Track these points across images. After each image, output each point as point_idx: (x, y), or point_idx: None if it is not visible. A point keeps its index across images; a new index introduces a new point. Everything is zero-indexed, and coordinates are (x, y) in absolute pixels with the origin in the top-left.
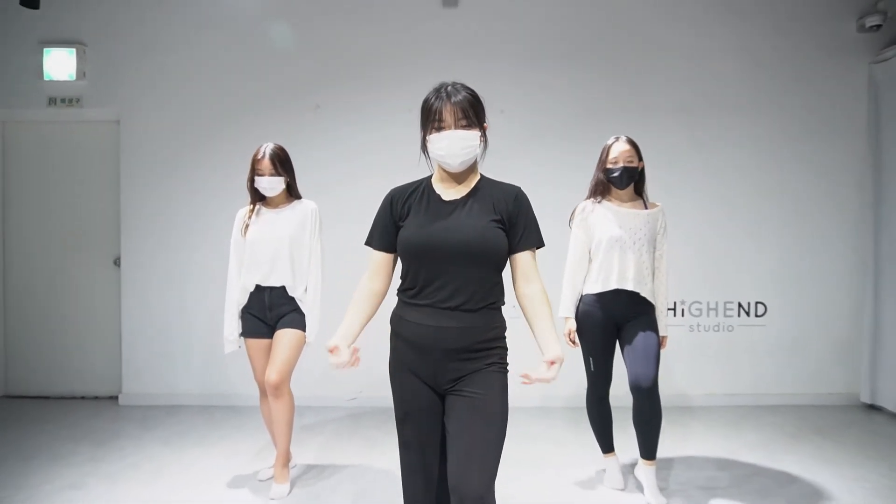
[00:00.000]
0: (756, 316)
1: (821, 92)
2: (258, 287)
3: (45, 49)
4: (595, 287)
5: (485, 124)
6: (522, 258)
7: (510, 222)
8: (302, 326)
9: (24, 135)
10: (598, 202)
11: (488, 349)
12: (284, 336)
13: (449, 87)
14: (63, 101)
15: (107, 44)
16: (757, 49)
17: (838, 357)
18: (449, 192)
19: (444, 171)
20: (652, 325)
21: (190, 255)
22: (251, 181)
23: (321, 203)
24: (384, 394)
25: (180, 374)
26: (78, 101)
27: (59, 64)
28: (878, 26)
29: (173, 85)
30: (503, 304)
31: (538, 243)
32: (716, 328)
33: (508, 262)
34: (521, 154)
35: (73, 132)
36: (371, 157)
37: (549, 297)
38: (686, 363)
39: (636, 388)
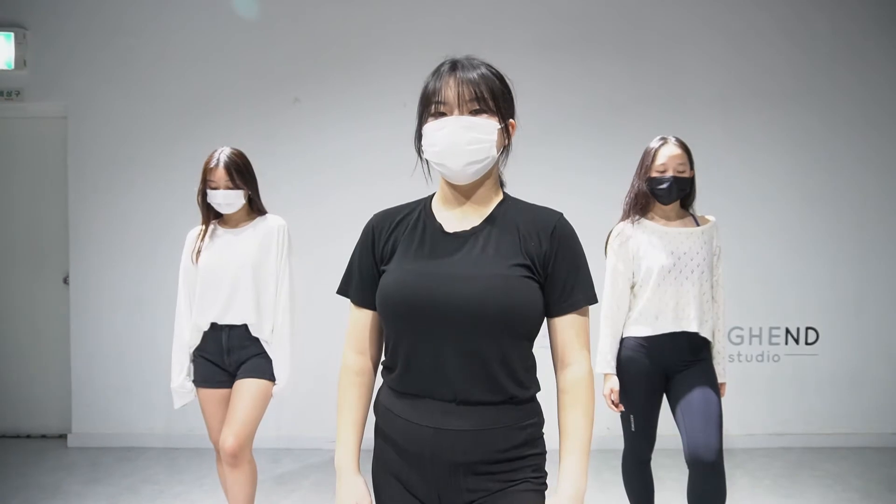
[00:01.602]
0: (806, 344)
1: (880, 84)
2: (214, 326)
3: None
4: (641, 330)
5: (511, 121)
6: (561, 326)
7: (545, 270)
8: (268, 375)
9: None
10: (637, 221)
11: (517, 458)
12: (245, 387)
13: (460, 60)
14: (1, 93)
15: (51, 27)
16: (806, 35)
17: None
18: (454, 221)
19: (449, 186)
20: (711, 378)
21: (149, 272)
22: (202, 195)
23: (299, 218)
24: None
25: (137, 411)
26: (18, 93)
27: None
28: None
29: (130, 75)
30: (538, 389)
31: (588, 301)
32: (759, 358)
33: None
34: (529, 155)
35: (12, 129)
36: (359, 161)
37: (594, 391)
38: (725, 399)
39: (695, 462)
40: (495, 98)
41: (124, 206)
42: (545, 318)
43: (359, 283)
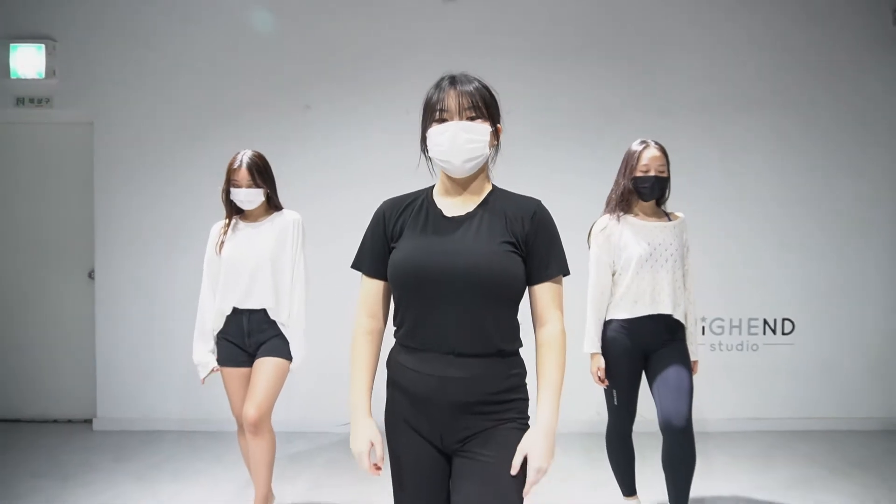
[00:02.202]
0: (783, 334)
1: (854, 88)
2: (235, 310)
3: (11, 45)
4: (622, 313)
5: (499, 125)
6: (540, 292)
7: (527, 246)
8: (285, 354)
9: None
10: (621, 217)
11: (505, 401)
12: (265, 365)
13: (457, 75)
14: (32, 100)
15: (79, 39)
16: (785, 42)
17: (874, 378)
18: (453, 207)
19: (448, 179)
20: (684, 355)
21: (170, 267)
22: (226, 193)
23: (311, 214)
24: (383, 419)
25: (159, 398)
26: (48, 100)
27: (28, 61)
28: None
29: (151, 84)
30: (521, 345)
31: (561, 271)
32: (739, 347)
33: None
34: (528, 159)
35: (42, 134)
36: (365, 162)
37: (566, 344)
38: (706, 385)
39: (668, 428)
40: (487, 106)
41: (145, 205)
42: (526, 287)
43: (371, 258)
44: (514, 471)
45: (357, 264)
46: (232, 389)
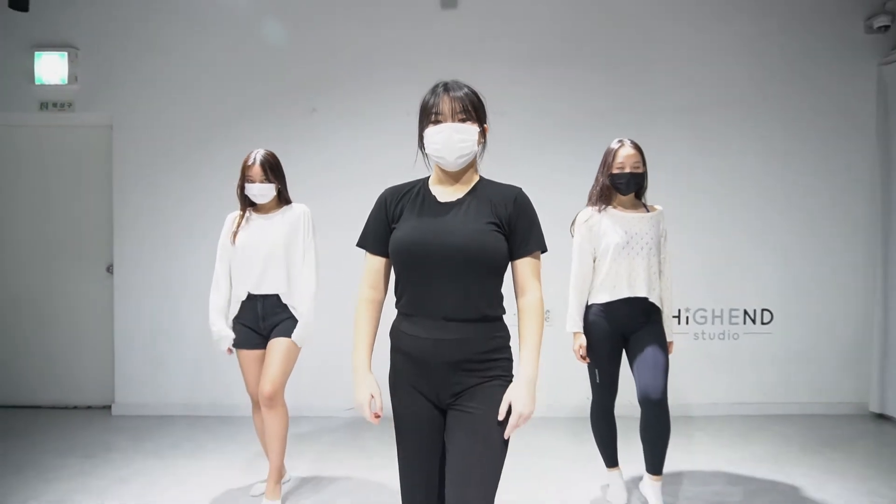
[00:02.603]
0: (762, 323)
1: (828, 94)
2: (250, 296)
3: (36, 53)
4: (602, 297)
5: (485, 125)
6: (521, 266)
7: (510, 226)
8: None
9: (15, 140)
10: (603, 209)
11: (490, 360)
12: (278, 345)
13: (449, 82)
14: (55, 105)
15: (99, 47)
16: (763, 50)
17: (846, 365)
18: (445, 193)
19: (442, 171)
20: (660, 335)
21: (184, 262)
22: (241, 188)
23: (317, 208)
24: (383, 403)
25: (174, 384)
26: (70, 105)
27: (51, 68)
28: (887, 27)
29: (167, 89)
30: (504, 312)
31: (539, 247)
32: (721, 336)
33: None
34: (522, 158)
35: (65, 137)
36: (368, 161)
37: (543, 311)
38: (690, 372)
39: (645, 401)
40: (476, 109)
41: (161, 203)
42: (509, 262)
43: (374, 237)
44: (500, 417)
45: (361, 243)
46: (247, 369)
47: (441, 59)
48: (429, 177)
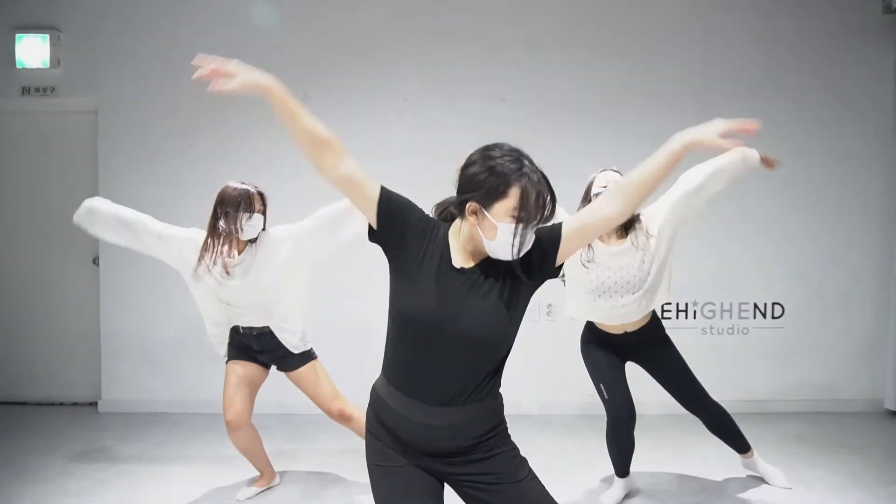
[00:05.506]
0: (773, 318)
1: (844, 76)
2: (243, 331)
3: (17, 35)
4: (594, 318)
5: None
6: (587, 212)
7: (544, 258)
8: (310, 356)
9: None
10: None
11: (490, 438)
12: (307, 375)
13: (543, 173)
14: (37, 90)
15: (83, 29)
16: (775, 30)
17: (861, 361)
18: (462, 256)
19: (468, 237)
20: (672, 351)
21: None
22: (234, 221)
23: (309, 196)
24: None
25: (162, 380)
26: (53, 90)
27: (33, 51)
28: None
29: (154, 73)
30: (499, 386)
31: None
32: (730, 331)
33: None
34: (525, 144)
35: (47, 123)
36: (365, 148)
37: None
38: (698, 367)
39: (699, 412)
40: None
41: (148, 192)
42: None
43: (389, 197)
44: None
45: (382, 187)
46: (232, 381)
47: (441, 43)
48: (448, 226)
